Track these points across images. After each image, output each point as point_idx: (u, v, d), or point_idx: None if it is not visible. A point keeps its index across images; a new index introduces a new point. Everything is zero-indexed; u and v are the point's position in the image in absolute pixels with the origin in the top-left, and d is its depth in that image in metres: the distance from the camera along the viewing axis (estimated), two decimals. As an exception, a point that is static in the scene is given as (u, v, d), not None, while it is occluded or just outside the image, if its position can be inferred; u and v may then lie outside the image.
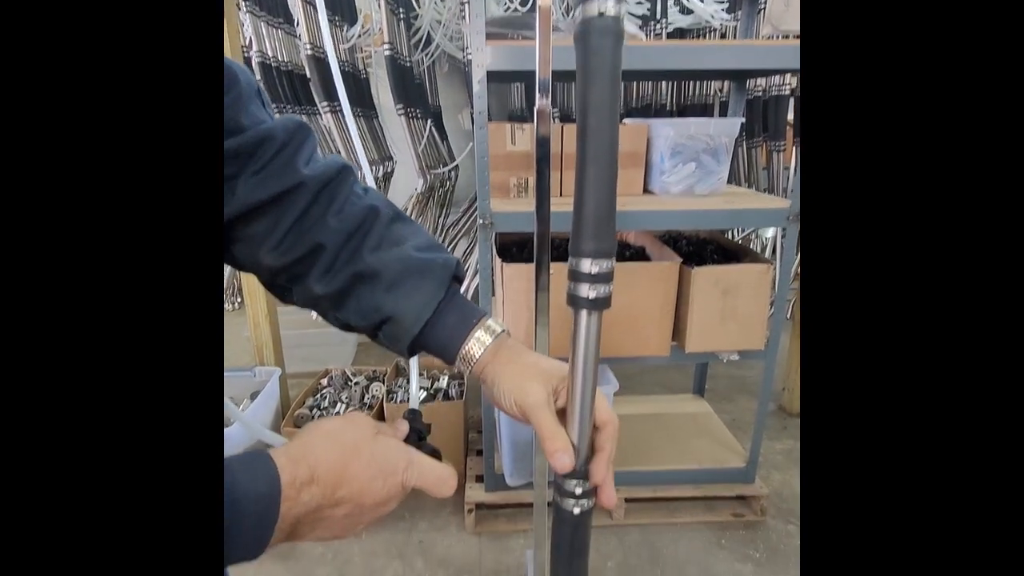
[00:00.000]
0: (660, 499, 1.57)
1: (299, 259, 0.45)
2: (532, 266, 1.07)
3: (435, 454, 0.43)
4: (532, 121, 0.78)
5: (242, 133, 0.42)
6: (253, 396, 1.78)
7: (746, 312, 1.32)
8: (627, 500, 1.54)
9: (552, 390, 0.42)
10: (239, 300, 3.46)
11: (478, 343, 0.44)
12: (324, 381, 1.86)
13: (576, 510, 0.41)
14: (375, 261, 0.44)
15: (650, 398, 1.99)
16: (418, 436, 0.45)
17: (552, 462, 0.39)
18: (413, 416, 0.47)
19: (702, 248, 1.56)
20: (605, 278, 0.36)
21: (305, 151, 0.45)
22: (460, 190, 3.00)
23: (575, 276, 0.36)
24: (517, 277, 1.27)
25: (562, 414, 0.41)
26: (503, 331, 0.46)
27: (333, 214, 0.45)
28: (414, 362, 0.59)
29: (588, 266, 0.35)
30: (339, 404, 1.72)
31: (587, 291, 0.36)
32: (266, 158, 0.43)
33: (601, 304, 0.36)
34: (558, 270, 1.06)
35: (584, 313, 0.37)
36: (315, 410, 1.71)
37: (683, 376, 2.39)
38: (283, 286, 0.48)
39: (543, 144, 0.79)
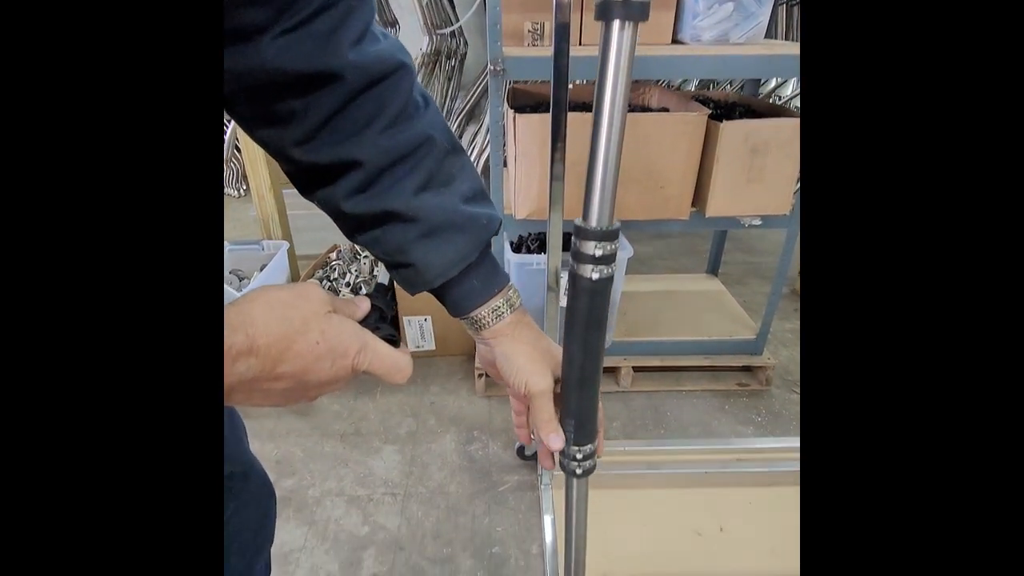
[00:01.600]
0: (667, 368, 1.60)
1: (328, 166, 0.39)
2: (547, 116, 0.99)
3: (392, 339, 0.39)
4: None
5: None
6: (262, 270, 1.77)
7: (774, 173, 1.24)
8: (635, 369, 1.57)
9: (555, 377, 0.44)
10: (244, 187, 3.40)
11: (494, 313, 0.43)
12: (333, 255, 1.85)
13: (595, 275, 0.37)
14: (418, 204, 0.39)
15: (663, 276, 1.97)
16: (380, 315, 0.41)
17: (547, 443, 0.43)
18: (377, 294, 0.42)
19: (730, 110, 1.44)
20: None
21: (354, 23, 0.36)
22: (468, 71, 2.79)
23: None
24: (531, 129, 1.18)
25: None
26: (520, 304, 0.45)
27: (380, 129, 0.38)
28: None
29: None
30: (348, 275, 1.72)
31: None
32: (302, 15, 0.34)
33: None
34: (576, 121, 0.98)
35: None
36: (324, 281, 1.71)
37: (699, 262, 2.35)
38: (305, 184, 0.42)
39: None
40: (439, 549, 1.14)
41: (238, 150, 3.19)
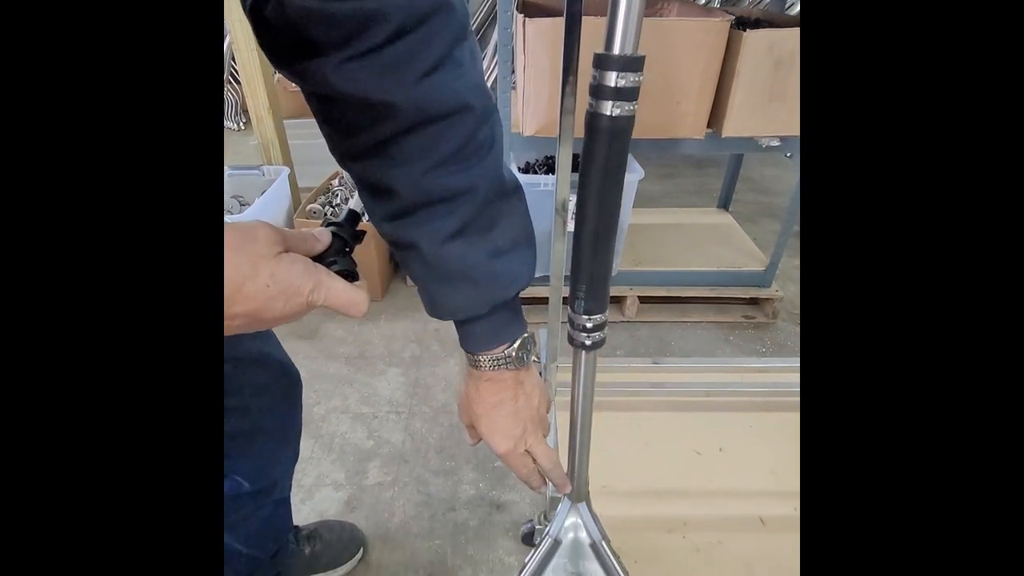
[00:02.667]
0: (673, 299, 1.58)
1: (372, 184, 0.39)
2: (559, 19, 0.92)
3: (350, 273, 0.38)
4: None
5: None
6: (262, 196, 1.74)
7: (797, 90, 1.18)
8: (640, 299, 1.55)
9: (521, 436, 0.49)
10: (244, 119, 3.31)
11: (494, 361, 0.45)
12: (335, 182, 1.80)
13: (615, 112, 0.34)
14: (441, 252, 0.39)
15: (672, 210, 1.93)
16: (343, 246, 0.39)
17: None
18: (346, 223, 0.41)
19: (754, 25, 1.35)
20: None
21: (430, 52, 0.33)
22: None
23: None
24: (542, 35, 1.12)
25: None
26: (529, 362, 0.47)
27: (425, 168, 0.37)
28: None
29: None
30: (350, 200, 1.68)
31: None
32: (373, 41, 0.32)
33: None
34: (589, 25, 0.91)
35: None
36: (327, 206, 1.68)
37: (709, 202, 2.30)
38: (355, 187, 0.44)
39: None
40: (442, 462, 1.16)
41: (236, 81, 3.07)
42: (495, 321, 0.44)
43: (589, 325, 0.43)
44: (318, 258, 0.38)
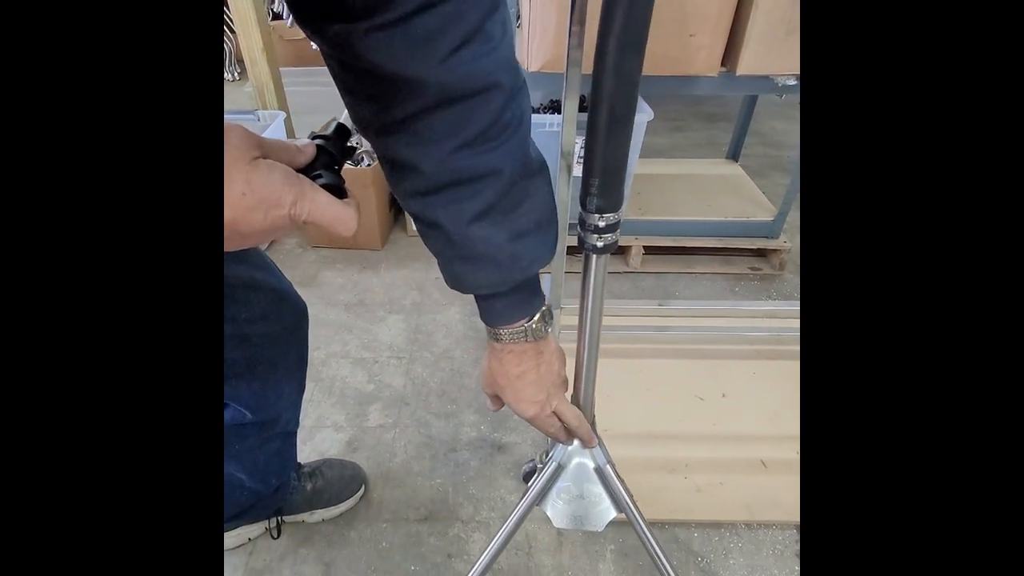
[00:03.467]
0: (679, 249, 1.55)
1: (399, 161, 0.38)
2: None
3: (337, 188, 0.34)
4: None
5: None
6: (259, 138, 1.68)
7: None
8: (645, 249, 1.52)
9: (546, 401, 0.51)
10: (239, 70, 3.21)
11: (513, 333, 0.46)
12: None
13: None
14: (466, 233, 0.39)
15: (680, 160, 1.88)
16: (331, 161, 0.35)
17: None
18: (334, 136, 0.36)
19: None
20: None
21: (460, 27, 0.31)
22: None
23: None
24: (549, -41, 1.05)
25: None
26: (547, 333, 0.48)
27: (452, 148, 0.35)
28: None
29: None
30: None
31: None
32: (403, 9, 0.30)
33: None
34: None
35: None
36: (325, 152, 1.63)
37: (717, 154, 2.24)
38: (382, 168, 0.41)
39: None
40: (443, 406, 1.15)
41: (231, 31, 2.96)
42: (515, 298, 0.44)
43: (601, 224, 0.40)
44: (302, 172, 0.35)
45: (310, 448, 1.06)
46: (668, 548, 0.90)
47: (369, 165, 1.50)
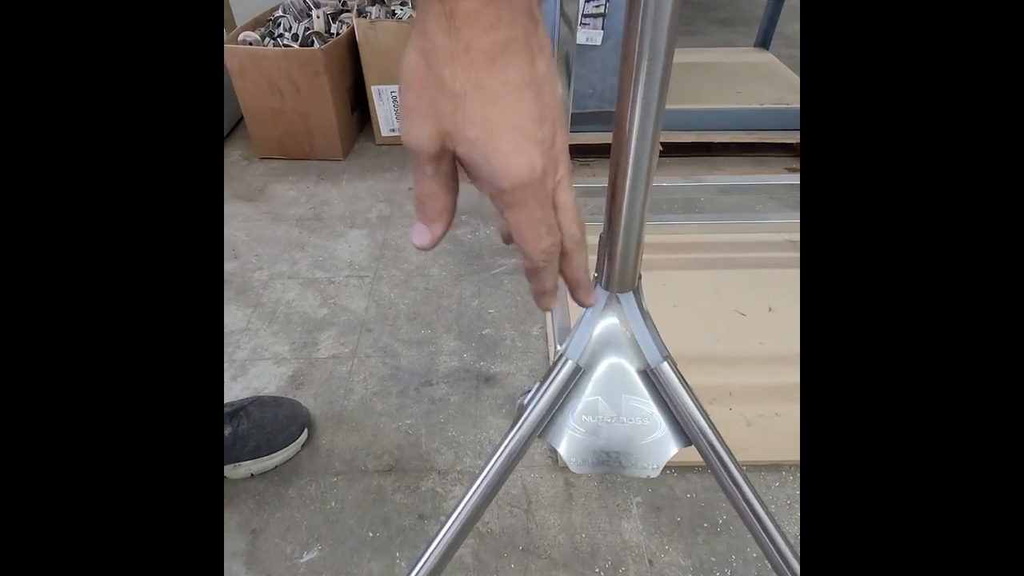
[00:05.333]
0: (703, 148, 1.28)
1: None
2: None
3: None
4: None
5: None
6: None
7: None
8: (664, 147, 1.25)
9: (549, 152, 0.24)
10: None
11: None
12: (278, 11, 1.43)
13: None
14: None
15: (701, 50, 1.58)
16: None
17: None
18: None
19: None
20: None
21: None
22: None
23: None
24: None
25: None
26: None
27: None
28: None
29: None
30: (294, 28, 1.32)
31: None
32: None
33: None
34: None
35: None
36: (267, 39, 1.32)
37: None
38: None
39: None
40: (416, 331, 0.91)
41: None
42: None
43: None
44: None
45: (241, 386, 0.82)
46: (714, 499, 0.67)
47: (321, 47, 1.21)
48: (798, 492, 0.68)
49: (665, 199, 1.21)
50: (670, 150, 1.27)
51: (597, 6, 1.11)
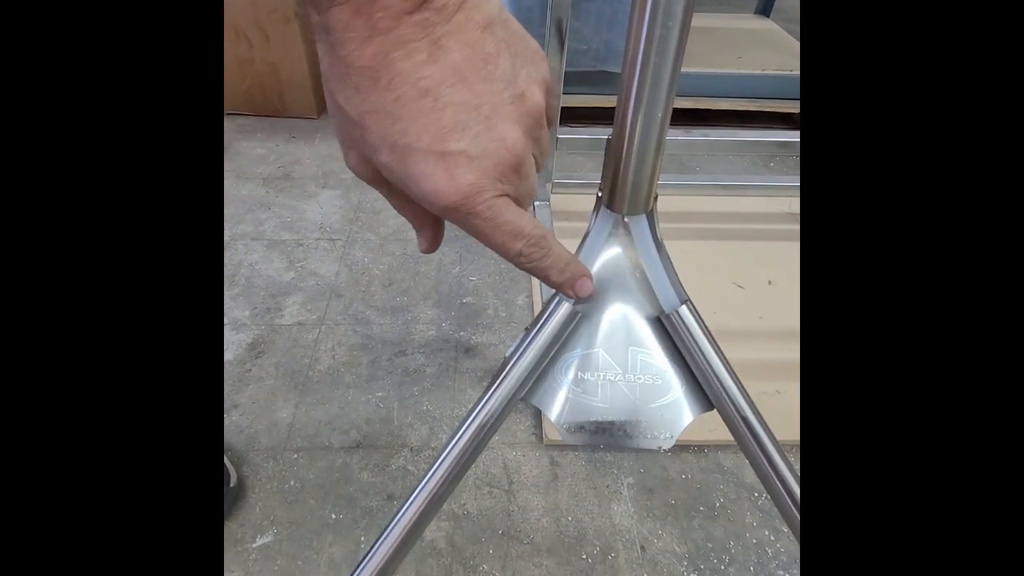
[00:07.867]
0: (700, 115, 1.22)
1: None
2: None
3: None
4: None
5: None
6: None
7: None
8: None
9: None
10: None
11: None
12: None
13: None
14: None
15: (704, 14, 1.51)
16: None
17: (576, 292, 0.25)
18: None
19: None
20: None
21: None
22: None
23: None
24: None
25: None
26: None
27: None
28: None
29: None
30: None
31: None
32: None
33: None
34: None
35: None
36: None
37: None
38: None
39: None
40: (390, 298, 0.84)
41: None
42: None
43: None
44: None
45: (194, 353, 0.74)
46: (712, 480, 0.62)
47: (292, -7, 1.10)
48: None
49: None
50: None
51: (594, -47, 1.03)
